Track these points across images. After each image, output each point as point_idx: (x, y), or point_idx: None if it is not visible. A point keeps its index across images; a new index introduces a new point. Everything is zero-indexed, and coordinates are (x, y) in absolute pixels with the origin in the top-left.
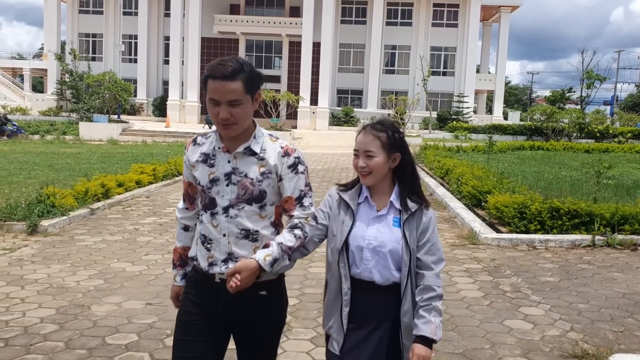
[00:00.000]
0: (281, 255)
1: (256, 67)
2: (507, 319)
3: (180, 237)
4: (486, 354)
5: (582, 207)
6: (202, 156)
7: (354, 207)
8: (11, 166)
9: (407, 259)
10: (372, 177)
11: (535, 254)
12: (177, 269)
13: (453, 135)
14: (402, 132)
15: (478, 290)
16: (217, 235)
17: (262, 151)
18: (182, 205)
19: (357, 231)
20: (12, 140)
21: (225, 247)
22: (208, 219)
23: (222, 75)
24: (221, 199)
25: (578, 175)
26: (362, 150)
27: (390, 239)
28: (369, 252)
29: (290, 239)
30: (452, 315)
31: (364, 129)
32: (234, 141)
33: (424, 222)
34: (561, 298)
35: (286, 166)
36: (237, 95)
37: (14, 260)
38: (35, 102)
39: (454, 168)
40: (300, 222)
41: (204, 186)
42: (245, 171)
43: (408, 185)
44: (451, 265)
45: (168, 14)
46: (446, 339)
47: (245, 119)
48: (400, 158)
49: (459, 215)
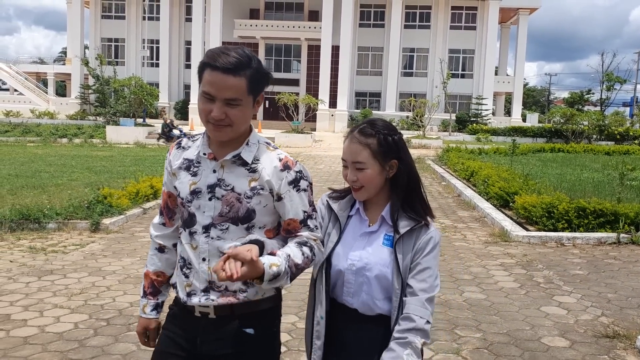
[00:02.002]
0: (286, 272)
1: (275, 70)
2: (543, 305)
3: (152, 260)
4: (527, 334)
5: (607, 207)
6: (184, 162)
7: (342, 219)
8: (51, 169)
9: (398, 287)
10: (365, 192)
11: (563, 250)
12: (147, 298)
13: (475, 137)
14: (398, 133)
15: (514, 281)
16: (196, 259)
17: (255, 161)
18: (158, 220)
19: (341, 249)
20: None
21: (205, 274)
22: (186, 239)
23: (223, 67)
24: (202, 215)
25: (600, 177)
26: (350, 161)
27: (377, 261)
28: (351, 274)
29: (298, 256)
30: (493, 303)
31: (351, 134)
32: (223, 147)
33: (422, 242)
34: (591, 288)
35: (286, 182)
36: (237, 93)
37: (87, 254)
38: (59, 105)
39: (479, 170)
40: (309, 241)
41: (184, 198)
42: (232, 184)
43: (402, 197)
44: (487, 260)
45: (189, 19)
46: (490, 322)
47: (243, 123)
48: (398, 165)
49: (489, 215)
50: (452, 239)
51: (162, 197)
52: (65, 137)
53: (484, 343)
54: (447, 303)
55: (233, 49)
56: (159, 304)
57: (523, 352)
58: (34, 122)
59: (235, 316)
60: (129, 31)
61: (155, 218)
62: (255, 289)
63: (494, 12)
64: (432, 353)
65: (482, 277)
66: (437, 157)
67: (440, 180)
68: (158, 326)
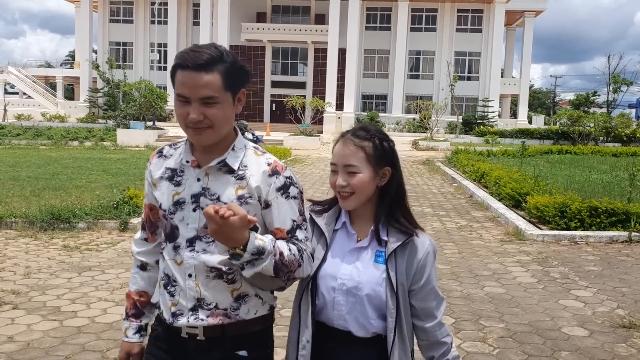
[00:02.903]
0: (270, 252)
1: (282, 73)
2: (560, 299)
3: (134, 279)
4: (548, 324)
5: (619, 207)
6: (167, 172)
7: (328, 234)
8: (68, 171)
9: (392, 307)
10: (355, 199)
11: (577, 248)
12: (130, 321)
13: (483, 139)
14: (392, 140)
15: (531, 277)
16: (181, 276)
17: (242, 168)
18: (140, 236)
19: (329, 267)
20: (48, 148)
21: (192, 292)
22: (170, 254)
23: (194, 64)
24: (185, 227)
25: (609, 178)
26: (341, 165)
27: (368, 279)
28: (342, 294)
29: (284, 247)
30: (513, 296)
31: (343, 137)
32: (207, 153)
33: (420, 259)
34: (605, 283)
35: (274, 188)
36: (212, 90)
37: (120, 252)
38: (68, 109)
39: (490, 171)
40: (299, 244)
41: (166, 210)
42: (218, 193)
43: (389, 208)
44: (503, 257)
45: (196, 23)
46: (512, 314)
47: (224, 123)
48: (391, 173)
49: (503, 214)
50: (468, 238)
51: (144, 210)
52: (76, 140)
53: (508, 332)
54: (469, 297)
55: (204, 46)
56: (142, 326)
57: (545, 341)
58: (45, 125)
59: (225, 338)
60: (137, 35)
61: (137, 233)
62: (247, 307)
63: (500, 15)
64: (460, 341)
65: (501, 273)
66: (446, 159)
67: (451, 182)
68: (142, 351)
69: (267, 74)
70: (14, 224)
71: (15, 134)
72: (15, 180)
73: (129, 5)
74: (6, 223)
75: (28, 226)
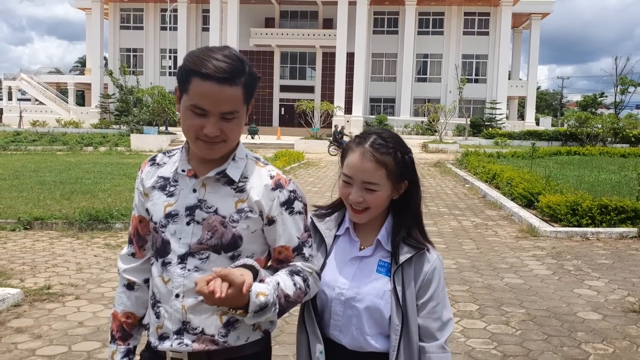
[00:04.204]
0: (273, 304)
1: (290, 78)
2: (575, 288)
3: (120, 298)
4: (564, 309)
5: (628, 204)
6: (159, 181)
7: (329, 241)
8: (90, 176)
9: (398, 324)
10: (369, 214)
11: (588, 243)
12: (117, 344)
13: (493, 141)
14: (410, 151)
15: (547, 269)
16: (168, 296)
17: (243, 179)
18: (127, 251)
19: (328, 275)
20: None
21: (178, 314)
22: (158, 271)
23: (218, 76)
24: (177, 242)
25: (617, 178)
26: (358, 180)
27: (369, 290)
28: (339, 304)
29: (289, 286)
30: (531, 286)
31: (360, 147)
32: (205, 163)
33: (426, 272)
34: (616, 275)
35: (278, 203)
36: (234, 105)
37: None
38: (80, 115)
39: (501, 172)
40: (302, 270)
41: (157, 222)
42: (216, 205)
43: (407, 221)
44: (519, 252)
45: (206, 29)
46: (531, 301)
47: (237, 136)
48: (408, 186)
49: (516, 213)
50: (485, 235)
51: (132, 222)
52: (91, 146)
53: (528, 316)
54: (490, 286)
55: (219, 50)
56: (131, 349)
57: (563, 323)
58: (60, 131)
59: None
60: (147, 41)
61: (124, 248)
62: (237, 334)
63: (507, 18)
64: (485, 324)
65: (518, 266)
66: (456, 161)
67: (463, 183)
68: None
69: (276, 78)
70: (54, 225)
71: (31, 140)
72: (42, 184)
73: (139, 12)
74: (47, 224)
75: (68, 227)
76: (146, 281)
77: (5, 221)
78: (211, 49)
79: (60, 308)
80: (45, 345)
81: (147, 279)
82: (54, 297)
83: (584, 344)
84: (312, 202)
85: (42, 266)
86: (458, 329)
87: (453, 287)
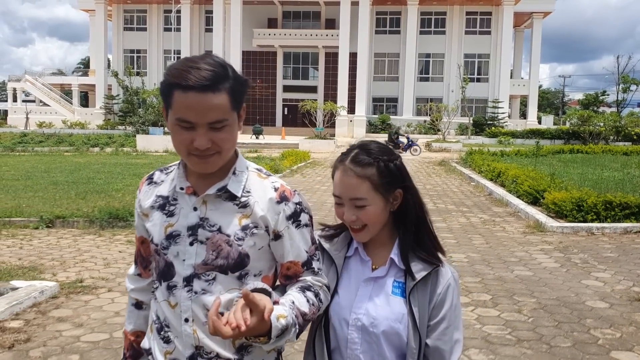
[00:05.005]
0: (293, 324)
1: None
2: (582, 279)
3: (130, 317)
4: (573, 299)
5: (632, 200)
6: (158, 200)
7: (339, 263)
8: (101, 176)
9: (415, 347)
10: (368, 232)
11: (594, 238)
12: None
13: (496, 140)
14: (398, 157)
15: (555, 262)
16: (176, 321)
17: (245, 193)
18: (134, 271)
19: (342, 299)
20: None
21: (189, 339)
22: (163, 295)
23: (199, 85)
24: (181, 264)
25: (620, 175)
26: (346, 198)
27: (386, 314)
28: (356, 331)
29: (303, 303)
30: (540, 278)
31: (341, 163)
32: (204, 179)
33: (439, 292)
34: (622, 267)
35: (284, 217)
36: (222, 113)
37: None
38: (84, 116)
39: (506, 171)
40: (313, 285)
41: (158, 244)
42: (219, 224)
43: (411, 235)
44: (527, 246)
45: (209, 29)
46: (541, 291)
47: (232, 146)
48: (403, 195)
49: (523, 210)
50: (493, 231)
51: (136, 243)
52: (97, 147)
53: (539, 305)
54: (502, 278)
55: (200, 59)
56: None
57: (572, 311)
58: (66, 133)
59: None
60: (150, 42)
61: (131, 268)
62: (251, 357)
63: (508, 17)
64: (498, 312)
65: (527, 260)
66: (460, 160)
67: (468, 181)
68: None
69: (279, 78)
70: (75, 223)
71: (37, 141)
72: (55, 185)
73: (142, 14)
74: (68, 222)
75: (89, 225)
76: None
77: (27, 220)
78: (191, 59)
79: (95, 299)
80: (88, 333)
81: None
82: (87, 290)
83: (593, 329)
84: (322, 200)
85: (71, 261)
86: (473, 317)
87: (466, 279)
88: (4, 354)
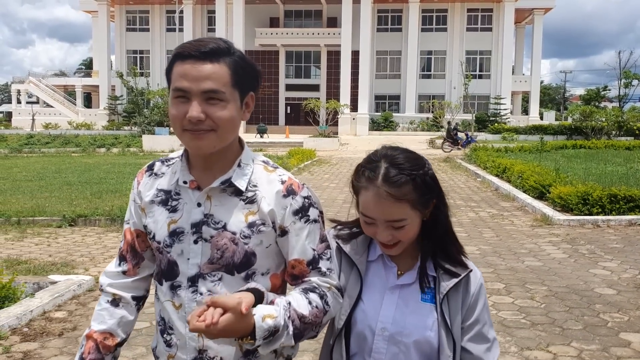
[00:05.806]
0: (285, 327)
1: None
2: (590, 268)
3: (100, 316)
4: (582, 286)
5: (636, 193)
6: (159, 194)
7: (361, 267)
8: (113, 176)
9: (449, 354)
10: (401, 247)
11: (600, 230)
12: None
13: (500, 136)
14: (429, 166)
15: (563, 253)
16: (180, 323)
17: (251, 188)
18: (116, 268)
19: (368, 307)
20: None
21: (193, 342)
22: (167, 295)
23: (197, 52)
24: (186, 263)
25: (624, 170)
26: (382, 221)
27: (417, 323)
28: (383, 340)
29: (303, 305)
30: (550, 267)
31: (372, 185)
32: (208, 171)
33: (472, 293)
34: (628, 257)
35: (291, 212)
36: (218, 83)
37: None
38: (88, 117)
39: (511, 166)
40: (319, 286)
41: (161, 242)
42: (224, 220)
43: (441, 243)
44: (536, 239)
45: (211, 29)
46: (551, 280)
47: (229, 128)
48: (435, 204)
49: (529, 204)
50: (502, 224)
51: (125, 237)
52: (103, 147)
53: (550, 292)
54: (513, 268)
55: (209, 38)
56: None
57: (582, 297)
58: (72, 133)
59: None
60: (153, 43)
61: (110, 265)
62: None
63: (510, 13)
64: (512, 299)
65: (536, 251)
66: (465, 156)
67: (474, 177)
68: None
69: (282, 77)
70: (97, 222)
71: (44, 142)
72: (69, 185)
73: (144, 14)
74: (90, 221)
75: (110, 223)
76: (135, 299)
77: (50, 219)
78: (200, 38)
79: None
80: None
81: (137, 297)
82: None
83: (602, 313)
84: (332, 197)
85: (100, 257)
86: (489, 303)
87: (480, 270)
88: (56, 340)
